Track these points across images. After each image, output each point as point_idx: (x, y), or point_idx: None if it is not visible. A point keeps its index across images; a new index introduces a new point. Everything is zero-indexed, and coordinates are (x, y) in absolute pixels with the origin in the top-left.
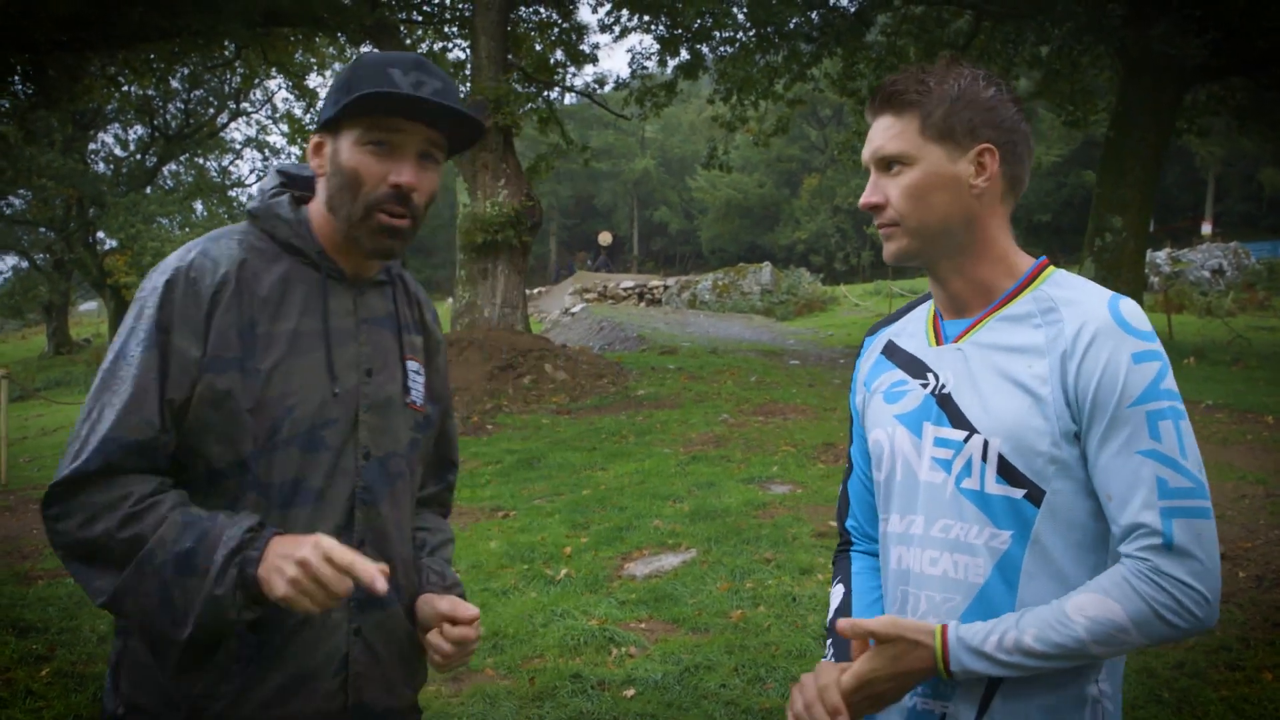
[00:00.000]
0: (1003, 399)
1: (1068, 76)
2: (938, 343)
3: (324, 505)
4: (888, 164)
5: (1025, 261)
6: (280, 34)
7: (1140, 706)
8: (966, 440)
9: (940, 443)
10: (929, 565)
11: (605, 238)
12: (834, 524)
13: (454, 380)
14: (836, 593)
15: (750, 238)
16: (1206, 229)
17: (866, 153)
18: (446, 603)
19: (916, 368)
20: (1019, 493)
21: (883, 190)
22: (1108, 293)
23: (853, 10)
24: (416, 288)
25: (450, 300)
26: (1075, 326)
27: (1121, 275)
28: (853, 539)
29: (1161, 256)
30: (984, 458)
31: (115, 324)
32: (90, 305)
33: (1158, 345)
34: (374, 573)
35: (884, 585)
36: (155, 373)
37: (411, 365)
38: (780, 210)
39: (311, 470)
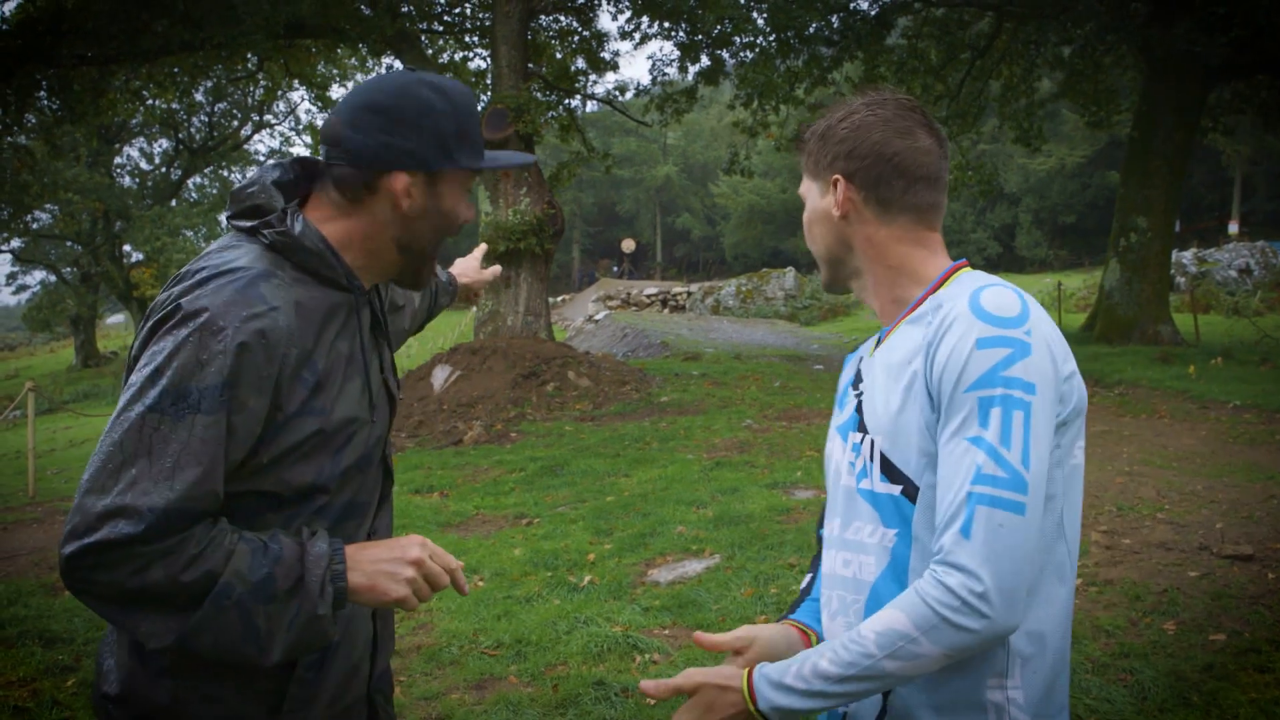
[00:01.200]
0: (885, 397)
1: (1090, 76)
2: (873, 353)
3: (365, 515)
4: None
5: (936, 269)
6: (302, 45)
7: (1169, 710)
8: (862, 441)
9: (854, 447)
10: (841, 566)
11: (629, 245)
12: None
13: (478, 388)
14: (805, 580)
15: (773, 243)
16: (1233, 228)
17: None
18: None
19: (857, 378)
20: (897, 489)
21: None
22: (982, 282)
23: (873, 13)
24: None
25: (474, 308)
26: (940, 317)
27: (1147, 276)
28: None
29: (1188, 256)
30: (871, 457)
31: None
32: (117, 318)
33: (1014, 332)
34: (464, 580)
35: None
36: (224, 438)
37: (389, 356)
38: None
39: (363, 487)
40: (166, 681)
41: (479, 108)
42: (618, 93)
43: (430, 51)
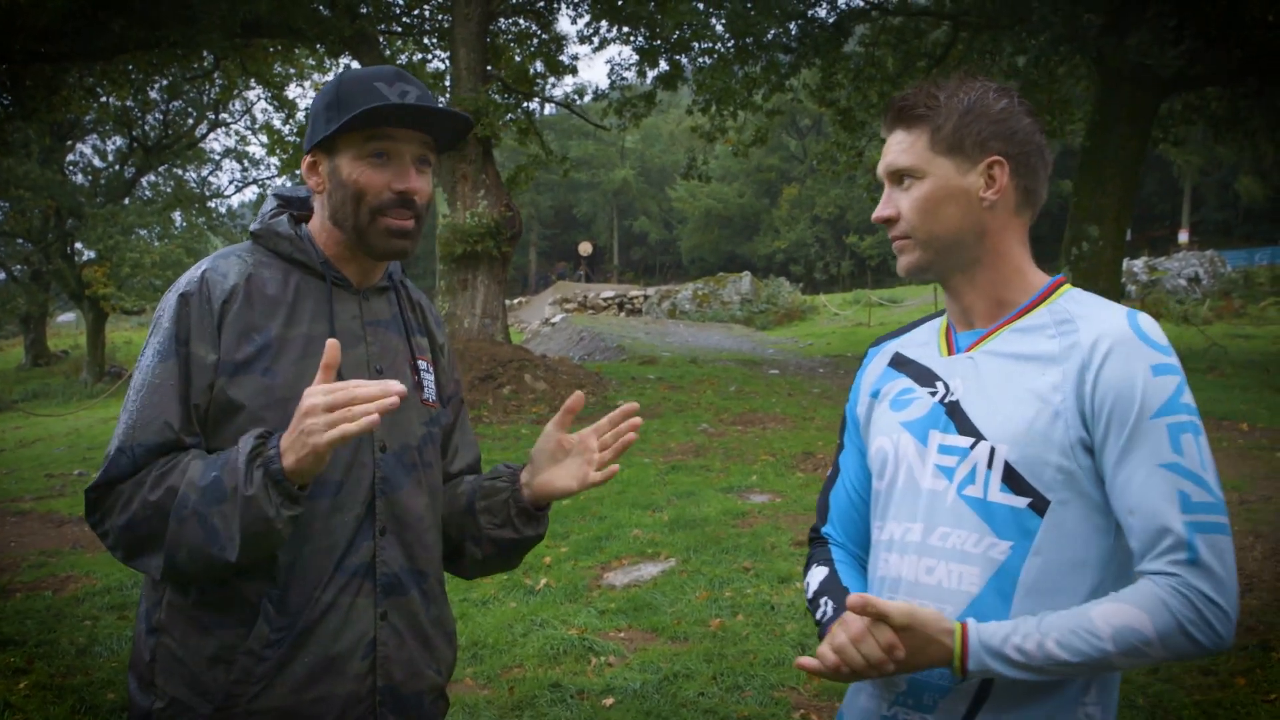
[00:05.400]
0: (1013, 406)
1: (1045, 86)
2: (949, 353)
3: (343, 496)
4: (900, 178)
5: (1041, 278)
6: (259, 45)
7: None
8: (972, 447)
9: (945, 450)
10: (925, 574)
11: (585, 248)
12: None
13: None
14: (818, 572)
15: (730, 247)
16: (1183, 237)
17: (880, 167)
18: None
19: (926, 377)
20: (1023, 502)
21: (895, 204)
22: (1124, 308)
23: (831, 21)
24: (417, 293)
25: None
26: (1092, 337)
27: (1098, 284)
28: (830, 542)
29: (1139, 265)
30: (989, 465)
31: (94, 336)
32: (68, 317)
33: (1176, 360)
34: (385, 384)
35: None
36: (175, 379)
37: (421, 364)
38: (760, 220)
39: (334, 464)
40: (152, 639)
41: (394, 83)
42: (576, 96)
43: (388, 53)
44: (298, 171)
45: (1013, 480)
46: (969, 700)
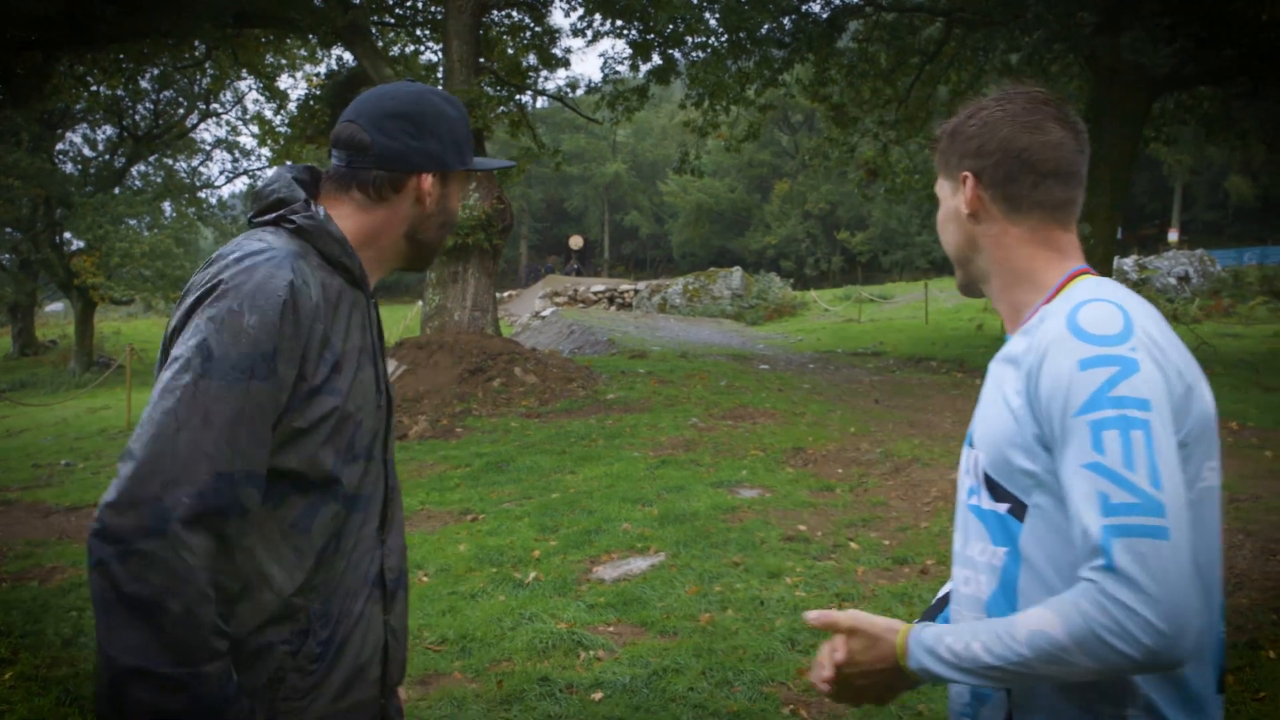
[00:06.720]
0: (988, 413)
1: (1037, 84)
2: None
3: (371, 509)
4: None
5: (1056, 275)
6: (251, 35)
7: None
8: (972, 456)
9: (967, 461)
10: (963, 584)
11: (576, 241)
12: (801, 528)
13: (424, 383)
14: (942, 589)
15: (721, 242)
16: (1173, 236)
17: None
18: None
19: None
20: (1003, 507)
21: None
22: (1085, 295)
23: (825, 16)
24: None
25: (420, 303)
26: (1041, 335)
27: None
28: None
29: (1129, 263)
30: (977, 474)
31: (82, 325)
32: (57, 306)
33: (1118, 350)
34: None
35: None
36: (273, 402)
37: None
38: (751, 215)
39: (368, 478)
40: None
41: None
42: (569, 89)
43: (381, 44)
44: (288, 162)
45: (992, 487)
46: (1005, 708)
